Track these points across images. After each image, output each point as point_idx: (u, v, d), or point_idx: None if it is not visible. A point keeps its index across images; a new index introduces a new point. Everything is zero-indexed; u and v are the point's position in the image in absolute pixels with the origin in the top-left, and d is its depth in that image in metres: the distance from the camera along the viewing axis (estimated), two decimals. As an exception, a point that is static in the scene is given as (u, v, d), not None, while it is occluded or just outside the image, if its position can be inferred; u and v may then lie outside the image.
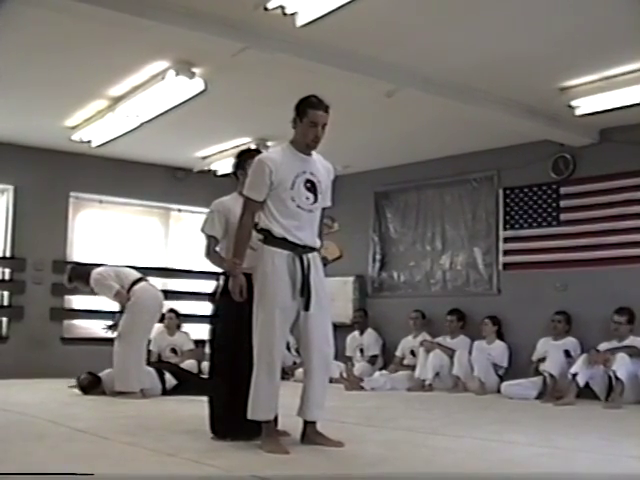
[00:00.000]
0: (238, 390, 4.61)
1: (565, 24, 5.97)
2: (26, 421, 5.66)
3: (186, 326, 10.52)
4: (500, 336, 9.09)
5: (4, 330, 9.83)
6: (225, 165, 10.25)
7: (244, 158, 5.13)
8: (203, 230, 5.07)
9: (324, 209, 4.68)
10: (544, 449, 4.64)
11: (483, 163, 9.72)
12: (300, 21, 5.55)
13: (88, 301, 10.26)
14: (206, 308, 10.97)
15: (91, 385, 7.80)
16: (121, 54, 6.71)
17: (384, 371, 9.63)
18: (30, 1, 5.50)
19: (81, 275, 8.10)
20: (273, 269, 4.35)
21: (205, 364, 10.31)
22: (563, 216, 8.95)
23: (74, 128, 8.94)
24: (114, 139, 8.97)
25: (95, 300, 10.20)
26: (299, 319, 4.45)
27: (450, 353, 9.11)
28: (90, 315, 10.23)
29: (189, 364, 10.30)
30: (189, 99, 7.41)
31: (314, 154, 4.61)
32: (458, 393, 8.74)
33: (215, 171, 10.51)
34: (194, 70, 6.94)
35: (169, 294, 10.95)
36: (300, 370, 8.24)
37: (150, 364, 8.33)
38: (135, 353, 7.64)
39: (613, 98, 7.21)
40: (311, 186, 4.48)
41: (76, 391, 7.75)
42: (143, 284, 7.91)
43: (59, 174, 10.17)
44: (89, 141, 9.16)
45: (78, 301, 10.38)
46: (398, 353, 9.87)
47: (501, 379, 8.73)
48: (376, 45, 6.44)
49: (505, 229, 9.50)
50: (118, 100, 7.86)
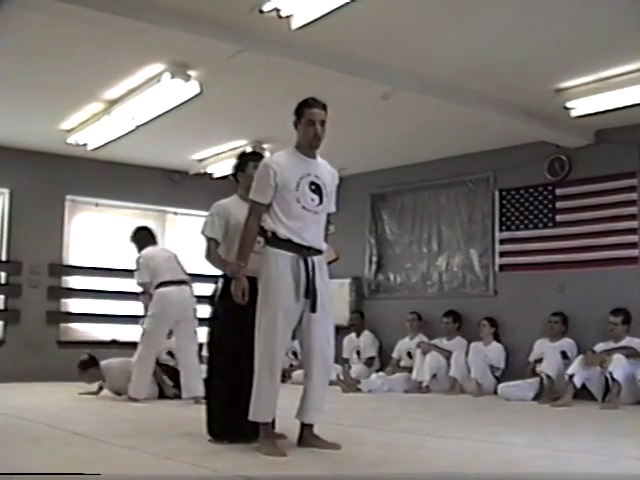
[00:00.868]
0: (237, 392, 4.61)
1: (560, 26, 5.98)
2: (23, 425, 5.64)
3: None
4: (497, 337, 9.10)
5: (0, 334, 9.81)
6: (221, 168, 10.25)
7: (244, 160, 5.14)
8: (203, 232, 5.07)
9: (329, 215, 4.68)
10: (541, 450, 4.64)
11: (479, 165, 9.73)
12: (295, 24, 5.56)
13: (84, 304, 10.27)
14: (203, 311, 11.01)
15: (84, 365, 7.89)
16: (117, 57, 6.71)
17: (381, 373, 9.63)
18: (26, 4, 5.50)
19: (139, 241, 8.05)
20: (277, 271, 4.35)
21: (202, 367, 10.30)
22: (559, 217, 8.97)
23: (70, 131, 8.94)
24: (110, 142, 8.96)
25: (91, 303, 10.24)
26: (302, 321, 4.45)
27: (447, 355, 9.11)
28: (87, 318, 10.23)
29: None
30: (185, 102, 7.41)
31: (319, 159, 4.62)
32: (455, 395, 8.75)
33: (211, 174, 10.50)
34: (190, 73, 6.94)
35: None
36: (297, 372, 8.27)
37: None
38: (148, 358, 7.62)
39: (608, 99, 7.22)
40: (316, 188, 4.49)
41: (86, 396, 7.81)
42: (167, 289, 7.65)
43: (55, 177, 10.16)
44: (85, 144, 9.15)
45: (74, 304, 10.37)
46: (395, 355, 9.87)
47: (498, 380, 8.74)
48: (371, 47, 6.45)
49: (501, 230, 9.51)
50: (114, 103, 7.86)
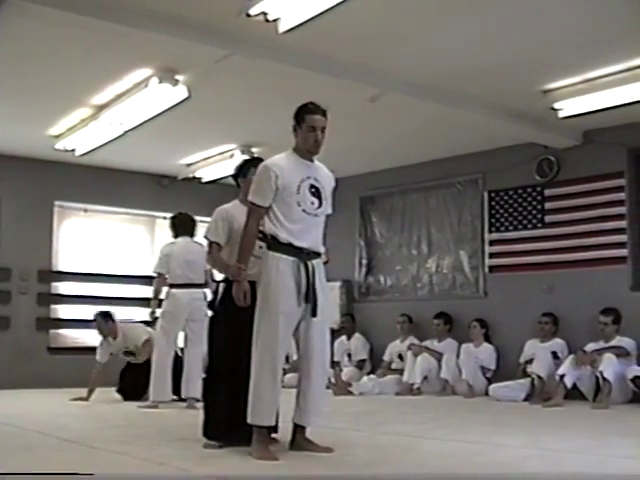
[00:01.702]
0: (236, 395, 4.60)
1: (547, 27, 6.00)
2: (13, 432, 5.62)
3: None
4: (487, 339, 9.11)
5: (-10, 341, 9.77)
6: (210, 172, 10.25)
7: (246, 166, 5.16)
8: (207, 236, 5.08)
9: (327, 216, 4.69)
10: (533, 450, 4.64)
11: (468, 166, 9.75)
12: (283, 27, 5.55)
13: (74, 310, 10.24)
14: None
15: (108, 316, 8.28)
16: (104, 62, 6.69)
17: (372, 375, 9.62)
18: (14, 11, 5.47)
19: (175, 228, 7.92)
20: (277, 275, 4.35)
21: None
22: (548, 218, 8.99)
23: (58, 137, 8.91)
24: (98, 147, 8.93)
25: (81, 309, 10.20)
26: (300, 325, 4.45)
27: (438, 357, 9.12)
28: (77, 324, 10.19)
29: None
30: (173, 106, 7.39)
31: (316, 162, 4.64)
32: (446, 396, 8.76)
33: (200, 178, 10.49)
34: (177, 77, 6.93)
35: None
36: (289, 376, 8.25)
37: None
38: (166, 360, 7.60)
39: (596, 100, 7.24)
40: (315, 191, 4.50)
41: (77, 402, 7.78)
42: (178, 290, 7.58)
43: (43, 183, 10.13)
44: (73, 150, 9.13)
45: (64, 310, 10.34)
46: (386, 357, 9.88)
47: (489, 382, 8.75)
48: (359, 50, 6.45)
49: (490, 232, 9.53)
50: (102, 108, 7.84)
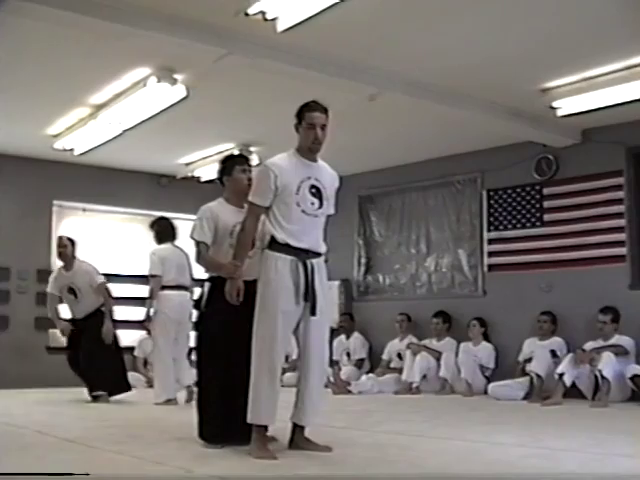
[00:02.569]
0: (228, 395, 4.60)
1: (546, 26, 6.00)
2: (12, 432, 5.61)
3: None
4: (486, 337, 9.11)
5: (-12, 340, 9.77)
6: (208, 171, 10.23)
7: (230, 164, 5.12)
8: (192, 236, 5.05)
9: (328, 216, 4.68)
10: (532, 449, 4.64)
11: (466, 165, 9.75)
12: (281, 26, 5.55)
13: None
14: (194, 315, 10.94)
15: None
16: (102, 61, 6.69)
17: (371, 375, 9.62)
18: (12, 10, 5.46)
19: (160, 234, 8.02)
20: (276, 274, 4.35)
21: (193, 371, 10.28)
22: (547, 217, 8.99)
23: (56, 136, 8.91)
24: (97, 147, 8.93)
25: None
26: (299, 324, 4.44)
27: (437, 355, 9.12)
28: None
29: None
30: (171, 106, 7.39)
31: (320, 161, 4.63)
32: (445, 395, 8.76)
33: (198, 177, 10.49)
34: (176, 77, 6.93)
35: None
36: (288, 375, 8.25)
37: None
38: (166, 359, 7.70)
39: (594, 99, 7.25)
40: (316, 192, 4.50)
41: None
42: (170, 292, 7.74)
43: (42, 182, 10.12)
44: (72, 149, 9.13)
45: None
46: (385, 356, 9.88)
47: (488, 380, 8.75)
48: (358, 49, 6.45)
49: (489, 231, 9.53)
50: (100, 108, 7.84)
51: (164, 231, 8.03)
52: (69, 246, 8.20)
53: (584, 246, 8.57)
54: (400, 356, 9.64)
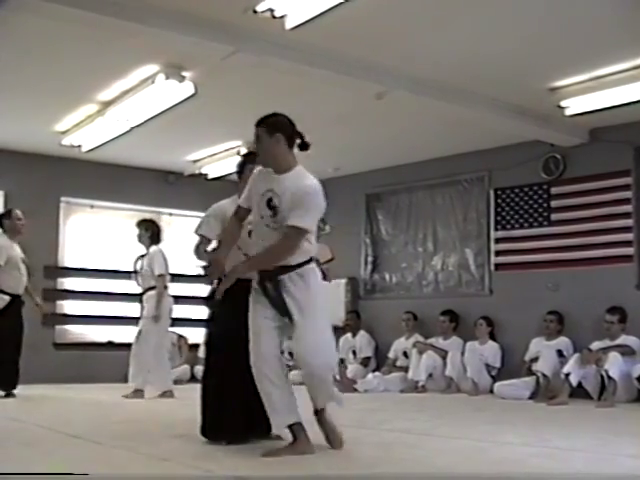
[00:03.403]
0: (234, 392, 4.60)
1: (554, 25, 5.99)
2: (18, 427, 5.62)
3: (180, 330, 10.55)
4: (492, 336, 9.11)
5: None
6: (216, 168, 10.25)
7: (242, 162, 5.12)
8: (198, 232, 5.07)
9: (323, 216, 4.55)
10: (538, 449, 4.64)
11: (474, 164, 9.73)
12: (289, 24, 5.56)
13: (80, 306, 10.25)
14: (199, 312, 10.98)
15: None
16: (110, 58, 6.70)
17: (377, 373, 9.63)
18: (20, 7, 5.48)
19: (154, 235, 8.31)
20: (255, 285, 4.39)
21: (198, 368, 10.31)
22: (554, 216, 8.97)
23: (64, 133, 8.93)
24: (104, 144, 8.96)
25: (86, 305, 10.21)
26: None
27: (443, 354, 9.12)
28: (82, 320, 10.20)
29: (182, 370, 10.31)
30: (179, 103, 7.40)
31: (291, 173, 4.31)
32: (451, 394, 8.76)
33: (206, 174, 10.50)
34: (184, 74, 6.94)
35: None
36: (293, 373, 8.26)
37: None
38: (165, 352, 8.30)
39: (602, 98, 7.23)
40: (273, 204, 4.25)
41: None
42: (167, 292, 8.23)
43: (50, 179, 10.14)
44: (79, 146, 9.15)
45: (70, 306, 10.36)
46: (391, 355, 9.88)
47: (494, 379, 8.75)
48: (365, 47, 6.44)
49: (496, 230, 9.52)
50: (108, 104, 7.85)
51: (158, 233, 8.34)
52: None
53: (591, 246, 8.56)
54: (406, 355, 9.64)
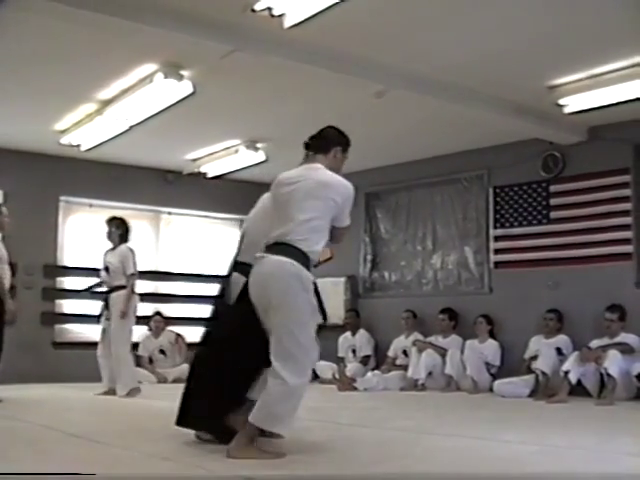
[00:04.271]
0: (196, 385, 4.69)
1: (553, 23, 5.99)
2: (18, 426, 5.62)
3: (178, 329, 10.58)
4: (492, 335, 9.10)
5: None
6: (215, 167, 10.25)
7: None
8: None
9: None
10: (538, 447, 4.64)
11: (473, 162, 9.73)
12: (288, 22, 5.55)
13: (79, 305, 10.24)
14: (197, 310, 11.01)
15: None
16: (109, 57, 6.69)
17: (377, 371, 9.62)
18: (19, 6, 5.48)
19: (125, 233, 8.29)
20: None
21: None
22: (553, 214, 8.98)
23: (63, 132, 8.92)
24: (103, 142, 8.95)
25: (85, 304, 10.20)
26: None
27: (442, 352, 9.12)
28: (81, 319, 10.20)
29: (182, 369, 10.29)
30: (178, 102, 7.39)
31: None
32: (451, 392, 8.76)
33: (205, 173, 10.49)
34: (182, 73, 6.93)
35: (160, 297, 10.99)
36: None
37: None
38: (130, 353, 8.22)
39: (601, 96, 7.23)
40: None
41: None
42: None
43: (49, 178, 10.14)
44: (78, 145, 9.14)
45: (69, 305, 10.36)
46: (390, 353, 9.88)
47: (493, 378, 8.74)
48: (364, 46, 6.44)
49: (496, 228, 9.52)
50: (107, 103, 7.85)
51: (127, 231, 8.32)
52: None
53: (590, 244, 8.56)
54: (406, 353, 9.64)
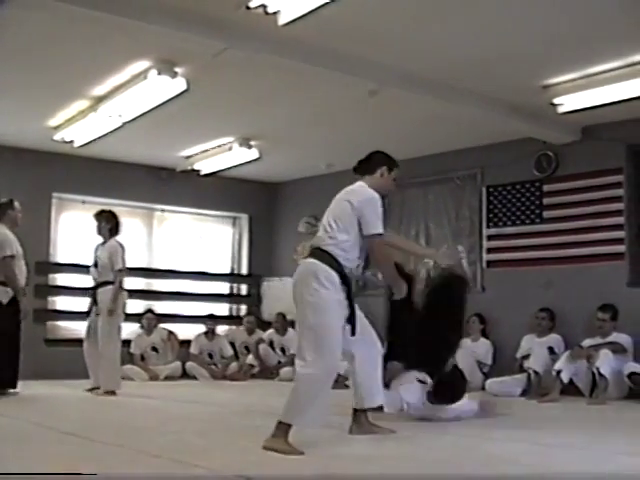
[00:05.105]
0: None
1: (547, 22, 5.99)
2: (10, 424, 5.61)
3: (170, 326, 10.58)
4: (484, 334, 9.11)
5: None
6: (209, 164, 10.24)
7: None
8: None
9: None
10: (529, 446, 4.65)
11: (466, 161, 9.74)
12: (282, 20, 5.54)
13: (72, 302, 10.22)
14: (191, 308, 10.99)
15: None
16: (103, 54, 6.68)
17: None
18: (11, 3, 5.45)
19: (115, 227, 8.11)
20: None
21: (190, 364, 10.31)
22: (546, 213, 8.99)
23: (56, 128, 8.90)
24: (97, 139, 8.93)
25: (78, 301, 10.17)
26: None
27: (435, 351, 9.11)
28: (74, 316, 10.16)
29: (174, 367, 10.30)
30: (171, 99, 7.38)
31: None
32: (443, 391, 8.75)
33: (199, 170, 10.48)
34: (176, 69, 6.92)
35: (153, 294, 10.98)
36: (284, 370, 8.26)
37: None
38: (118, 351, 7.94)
39: (595, 96, 7.24)
40: None
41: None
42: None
43: (42, 175, 10.10)
44: (71, 141, 9.12)
45: (62, 302, 10.34)
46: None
47: (486, 376, 8.75)
48: (358, 44, 6.43)
49: (489, 227, 9.52)
50: (100, 100, 7.83)
51: (117, 225, 8.14)
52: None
53: (583, 243, 8.57)
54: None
